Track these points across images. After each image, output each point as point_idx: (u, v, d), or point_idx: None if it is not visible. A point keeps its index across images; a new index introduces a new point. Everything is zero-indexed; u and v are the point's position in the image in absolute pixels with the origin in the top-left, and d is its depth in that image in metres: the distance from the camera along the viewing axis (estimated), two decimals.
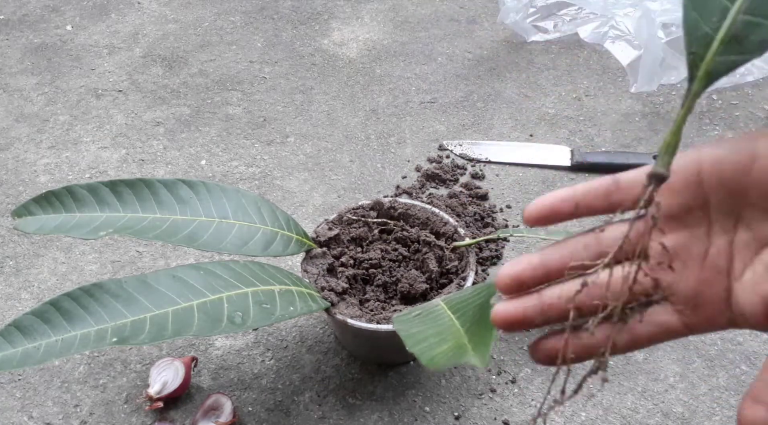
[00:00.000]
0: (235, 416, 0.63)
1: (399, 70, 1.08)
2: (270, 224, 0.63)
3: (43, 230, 0.58)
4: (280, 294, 0.57)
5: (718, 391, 0.65)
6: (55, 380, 0.67)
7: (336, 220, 0.69)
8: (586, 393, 0.65)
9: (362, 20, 1.20)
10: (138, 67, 1.11)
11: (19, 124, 1.00)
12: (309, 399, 0.65)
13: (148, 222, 0.59)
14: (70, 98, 1.05)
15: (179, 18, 1.23)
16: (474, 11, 1.21)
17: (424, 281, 0.65)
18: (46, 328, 0.51)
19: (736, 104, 0.98)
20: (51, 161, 0.93)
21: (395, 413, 0.64)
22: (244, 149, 0.94)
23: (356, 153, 0.93)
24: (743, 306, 0.27)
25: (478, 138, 0.95)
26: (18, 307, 0.74)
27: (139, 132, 0.98)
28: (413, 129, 0.97)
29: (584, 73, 1.05)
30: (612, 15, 1.08)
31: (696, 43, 0.26)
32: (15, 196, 0.88)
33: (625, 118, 0.97)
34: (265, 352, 0.69)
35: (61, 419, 0.64)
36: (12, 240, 0.82)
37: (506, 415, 0.63)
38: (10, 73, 1.11)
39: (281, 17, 1.22)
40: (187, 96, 1.04)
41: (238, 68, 1.10)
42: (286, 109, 1.01)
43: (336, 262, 0.67)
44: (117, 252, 0.80)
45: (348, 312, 0.61)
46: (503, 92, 1.03)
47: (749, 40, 0.25)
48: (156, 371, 0.65)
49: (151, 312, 0.53)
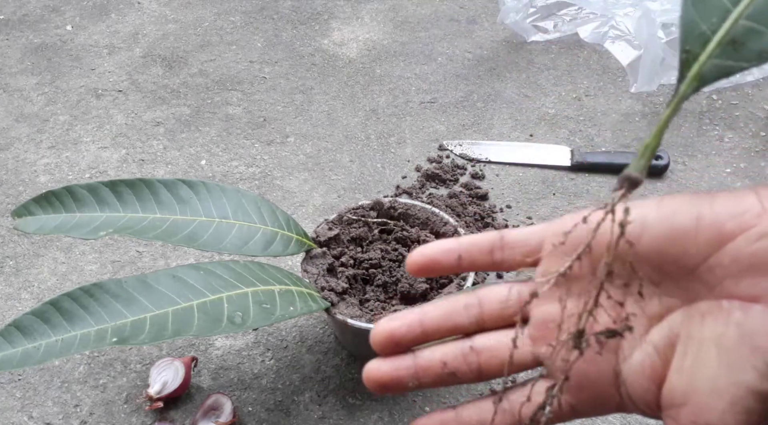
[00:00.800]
0: (235, 416, 0.63)
1: (399, 70, 1.08)
2: (270, 224, 0.63)
3: (43, 230, 0.58)
4: (280, 294, 0.57)
5: None
6: (55, 380, 0.67)
7: (336, 220, 0.69)
8: None
9: (362, 20, 1.20)
10: (138, 67, 1.11)
11: (19, 124, 1.00)
12: (309, 399, 0.65)
13: (148, 222, 0.59)
14: (70, 98, 1.05)
15: (179, 18, 1.23)
16: (474, 11, 1.21)
17: (424, 281, 0.65)
18: (46, 328, 0.51)
19: (736, 104, 0.98)
20: (51, 161, 0.93)
21: (395, 413, 0.64)
22: (244, 149, 0.94)
23: (356, 153, 0.93)
24: (632, 390, 0.26)
25: (478, 138, 0.95)
26: (18, 307, 0.74)
27: (139, 132, 0.98)
28: (413, 129, 0.97)
29: (584, 73, 1.05)
30: (612, 15, 1.08)
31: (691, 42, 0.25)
32: (15, 196, 0.88)
33: (625, 118, 0.97)
34: (265, 352, 0.69)
35: (61, 419, 0.64)
36: (12, 240, 0.82)
37: None
38: (10, 73, 1.11)
39: (281, 17, 1.22)
40: (187, 96, 1.04)
41: (238, 68, 1.10)
42: (286, 109, 1.01)
43: (336, 262, 0.67)
44: (117, 252, 0.80)
45: (348, 312, 0.61)
46: (503, 92, 1.03)
47: (747, 47, 0.24)
48: (156, 371, 0.65)
49: (151, 312, 0.53)
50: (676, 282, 0.25)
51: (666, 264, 0.25)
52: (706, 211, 0.24)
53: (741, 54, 0.24)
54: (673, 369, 0.24)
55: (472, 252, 0.29)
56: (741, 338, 0.23)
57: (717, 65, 0.25)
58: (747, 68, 0.24)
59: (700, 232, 0.24)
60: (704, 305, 0.24)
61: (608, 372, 0.26)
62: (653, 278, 0.25)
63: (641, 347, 0.25)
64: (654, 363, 0.25)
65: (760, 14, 0.24)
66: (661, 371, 0.25)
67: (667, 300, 0.25)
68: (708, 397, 0.23)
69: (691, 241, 0.24)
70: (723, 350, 0.23)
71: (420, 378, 0.28)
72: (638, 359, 0.25)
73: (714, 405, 0.23)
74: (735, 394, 0.22)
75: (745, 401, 0.22)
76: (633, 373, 0.25)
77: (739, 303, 0.23)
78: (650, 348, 0.25)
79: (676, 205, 0.25)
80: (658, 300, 0.25)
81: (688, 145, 0.92)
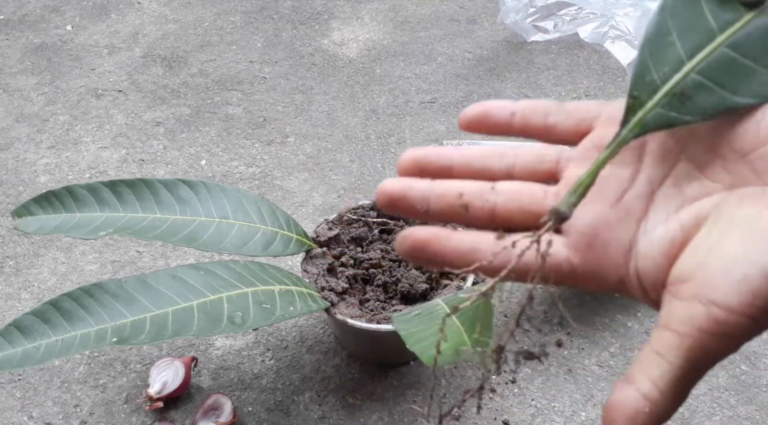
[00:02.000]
0: (235, 416, 0.63)
1: (399, 70, 1.08)
2: (270, 224, 0.63)
3: (43, 230, 0.58)
4: (280, 294, 0.57)
5: (717, 391, 0.65)
6: (55, 380, 0.67)
7: (336, 220, 0.69)
8: (586, 393, 0.65)
9: (362, 20, 1.20)
10: (138, 67, 1.11)
11: (19, 124, 1.00)
12: (309, 399, 0.65)
13: (148, 222, 0.59)
14: (70, 98, 1.05)
15: (179, 18, 1.23)
16: (474, 11, 1.21)
17: (424, 281, 0.65)
18: (46, 328, 0.51)
19: None
20: (51, 161, 0.93)
21: (395, 413, 0.64)
22: (244, 149, 0.94)
23: (356, 153, 0.93)
24: (643, 264, 0.24)
25: (478, 138, 0.95)
26: (18, 307, 0.74)
27: (139, 132, 0.98)
28: (413, 129, 0.97)
29: (584, 73, 1.05)
30: (612, 15, 1.08)
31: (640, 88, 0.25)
32: (15, 196, 0.88)
33: None
34: (265, 352, 0.69)
35: (61, 419, 0.64)
36: (12, 240, 0.82)
37: (506, 415, 0.63)
38: (10, 73, 1.11)
39: (281, 17, 1.22)
40: (187, 96, 1.04)
41: (238, 68, 1.10)
42: (286, 109, 1.01)
43: (336, 262, 0.67)
44: (117, 252, 0.80)
45: (348, 312, 0.61)
46: (503, 92, 1.03)
47: (694, 101, 0.24)
48: (156, 371, 0.65)
49: (151, 312, 0.53)
50: (724, 166, 0.24)
51: (720, 144, 0.24)
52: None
53: (686, 107, 0.24)
54: (691, 245, 0.23)
55: (526, 111, 0.28)
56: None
57: (661, 115, 0.24)
58: (689, 122, 0.24)
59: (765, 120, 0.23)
60: (748, 190, 0.23)
61: (624, 239, 0.25)
62: (701, 159, 0.24)
63: (666, 223, 0.24)
64: (674, 238, 0.24)
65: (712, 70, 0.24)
66: (679, 247, 0.24)
67: (709, 185, 0.24)
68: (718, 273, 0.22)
69: (752, 127, 0.23)
70: (750, 231, 0.22)
71: (431, 203, 0.27)
72: (660, 233, 0.24)
73: (722, 281, 0.22)
74: (747, 273, 0.21)
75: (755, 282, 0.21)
76: (650, 245, 0.24)
77: None
78: (676, 223, 0.24)
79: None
80: (699, 183, 0.24)
81: None
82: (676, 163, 0.25)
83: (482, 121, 0.28)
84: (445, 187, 0.27)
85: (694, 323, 0.22)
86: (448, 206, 0.27)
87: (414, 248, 0.27)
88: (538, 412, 0.64)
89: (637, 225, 0.25)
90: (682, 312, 0.22)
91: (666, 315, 0.23)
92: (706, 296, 0.22)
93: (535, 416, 0.64)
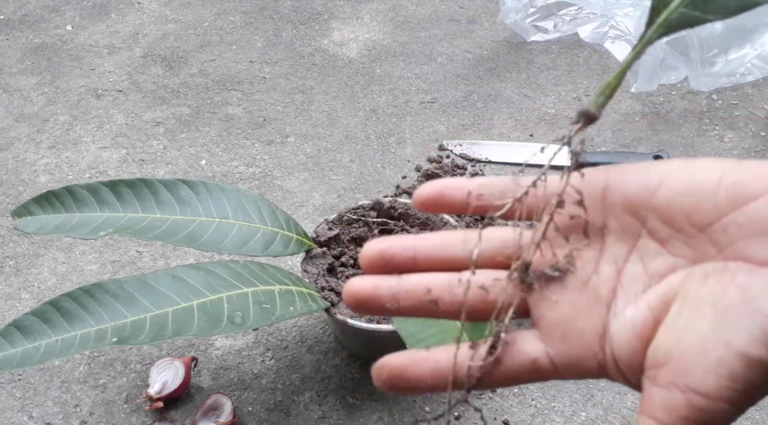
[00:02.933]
0: (235, 416, 0.63)
1: (399, 70, 1.08)
2: (270, 224, 0.63)
3: (43, 230, 0.58)
4: (280, 294, 0.57)
5: None
6: (55, 380, 0.67)
7: (336, 220, 0.69)
8: (586, 393, 0.65)
9: (362, 20, 1.20)
10: (138, 67, 1.11)
11: (19, 124, 1.00)
12: (309, 399, 0.65)
13: (148, 222, 0.59)
14: (70, 98, 1.05)
15: (179, 18, 1.23)
16: (474, 11, 1.21)
17: None
18: (46, 328, 0.51)
19: (736, 104, 0.98)
20: (51, 161, 0.93)
21: (395, 413, 0.64)
22: (244, 149, 0.94)
23: (356, 153, 0.93)
24: (618, 348, 0.24)
25: (478, 138, 0.95)
26: (18, 307, 0.74)
27: (139, 132, 0.98)
28: (413, 129, 0.97)
29: (584, 73, 1.05)
30: (612, 15, 1.08)
31: None
32: (15, 196, 0.88)
33: (625, 118, 0.97)
34: (265, 352, 0.69)
35: (61, 419, 0.64)
36: (12, 240, 0.82)
37: (506, 415, 0.63)
38: (10, 73, 1.11)
39: (281, 17, 1.22)
40: (187, 96, 1.04)
41: (238, 68, 1.10)
42: (286, 109, 1.01)
43: (336, 262, 0.67)
44: (117, 252, 0.80)
45: (348, 312, 0.61)
46: (503, 92, 1.03)
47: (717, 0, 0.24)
48: (156, 371, 0.65)
49: (151, 312, 0.53)
50: (685, 240, 0.24)
51: (678, 219, 0.24)
52: (731, 170, 0.23)
53: (709, 6, 0.24)
54: (663, 327, 0.23)
55: (482, 190, 0.27)
56: (741, 300, 0.21)
57: (685, 15, 0.25)
58: (712, 20, 0.24)
59: (721, 189, 0.23)
60: (709, 266, 0.23)
61: (596, 325, 0.25)
62: (661, 235, 0.24)
63: (636, 304, 0.24)
64: (645, 320, 0.24)
65: None
66: (651, 329, 0.24)
67: (672, 260, 0.24)
68: (693, 357, 0.22)
69: (709, 197, 0.23)
70: (719, 311, 0.22)
71: (400, 301, 0.27)
72: (630, 315, 0.24)
73: (697, 366, 0.22)
74: (722, 356, 0.21)
75: (731, 364, 0.21)
76: (622, 329, 0.24)
77: (746, 265, 0.22)
78: (644, 305, 0.24)
79: (701, 163, 0.24)
80: (662, 259, 0.24)
81: (688, 145, 0.92)
82: (638, 239, 0.25)
83: (437, 201, 0.28)
84: (413, 282, 0.27)
85: (675, 412, 0.22)
86: (418, 302, 0.27)
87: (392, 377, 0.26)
88: (538, 412, 0.64)
89: (607, 309, 0.25)
90: (662, 400, 0.22)
91: (648, 402, 0.23)
92: (683, 382, 0.22)
93: (535, 416, 0.64)
